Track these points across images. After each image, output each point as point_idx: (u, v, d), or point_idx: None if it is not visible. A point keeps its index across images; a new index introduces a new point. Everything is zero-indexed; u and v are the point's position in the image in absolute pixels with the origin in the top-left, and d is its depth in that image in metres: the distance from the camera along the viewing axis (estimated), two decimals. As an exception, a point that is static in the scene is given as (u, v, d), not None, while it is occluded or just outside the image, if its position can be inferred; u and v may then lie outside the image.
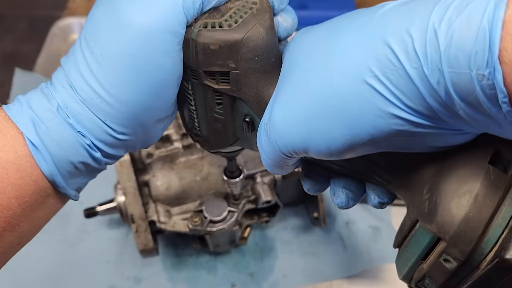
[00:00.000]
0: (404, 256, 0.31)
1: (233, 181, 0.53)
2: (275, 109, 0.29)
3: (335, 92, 0.26)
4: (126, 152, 0.35)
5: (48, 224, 0.72)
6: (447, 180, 0.28)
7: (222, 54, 0.31)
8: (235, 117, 0.35)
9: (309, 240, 0.71)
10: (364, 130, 0.25)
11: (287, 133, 0.29)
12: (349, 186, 0.34)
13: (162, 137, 0.63)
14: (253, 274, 0.68)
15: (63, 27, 0.97)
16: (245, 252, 0.69)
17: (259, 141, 0.32)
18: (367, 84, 0.24)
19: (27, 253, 0.67)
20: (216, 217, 0.58)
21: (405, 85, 0.23)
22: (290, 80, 0.29)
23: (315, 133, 0.27)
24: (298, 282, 0.67)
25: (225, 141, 0.38)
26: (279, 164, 0.32)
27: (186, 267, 0.67)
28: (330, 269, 0.68)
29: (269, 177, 0.61)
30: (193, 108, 0.36)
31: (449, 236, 0.27)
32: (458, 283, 0.28)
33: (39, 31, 0.98)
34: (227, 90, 0.33)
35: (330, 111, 0.26)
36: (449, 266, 0.27)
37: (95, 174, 0.35)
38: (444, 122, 0.24)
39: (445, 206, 0.27)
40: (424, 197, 0.29)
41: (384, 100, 0.24)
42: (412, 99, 0.23)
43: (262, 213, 0.65)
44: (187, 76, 0.33)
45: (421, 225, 0.29)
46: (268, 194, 0.59)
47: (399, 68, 0.23)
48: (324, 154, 0.28)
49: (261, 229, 0.72)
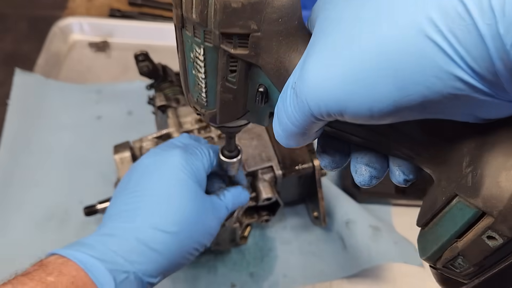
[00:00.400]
0: (433, 234, 0.29)
1: (231, 161, 0.50)
2: (311, 64, 0.26)
3: (389, 45, 0.22)
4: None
5: (49, 222, 0.72)
6: (492, 153, 0.26)
7: (244, 13, 0.28)
8: (249, 86, 0.33)
9: (309, 240, 0.71)
10: (417, 90, 0.23)
11: (324, 91, 0.25)
12: (372, 163, 0.32)
13: (162, 135, 0.63)
14: (253, 273, 0.67)
15: (63, 27, 0.97)
16: (245, 251, 0.69)
17: (282, 104, 0.29)
18: (429, 38, 0.21)
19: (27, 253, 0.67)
20: None
21: (474, 43, 0.20)
22: (331, 32, 0.26)
23: (358, 92, 0.24)
24: (298, 281, 0.67)
25: (234, 113, 0.35)
26: (301, 130, 0.29)
27: (186, 266, 0.67)
28: (330, 269, 0.68)
29: (269, 174, 0.61)
30: (203, 76, 0.33)
31: (498, 211, 0.25)
32: (496, 262, 0.26)
33: (39, 31, 0.98)
34: (245, 55, 0.30)
35: (380, 66, 0.23)
36: (493, 243, 0.25)
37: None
38: (505, 91, 0.22)
39: (492, 180, 0.25)
40: (465, 170, 0.27)
41: (446, 59, 0.21)
42: (479, 60, 0.21)
43: (262, 211, 0.65)
44: (200, 39, 0.31)
45: (460, 200, 0.27)
46: (269, 191, 0.59)
47: (469, 23, 0.20)
48: (362, 117, 0.25)
49: (261, 228, 0.71)
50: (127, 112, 0.86)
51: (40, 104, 0.85)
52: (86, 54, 0.97)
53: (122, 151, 0.61)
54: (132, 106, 0.86)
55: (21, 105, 0.84)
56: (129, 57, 0.75)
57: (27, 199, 0.74)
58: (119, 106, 0.86)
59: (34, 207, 0.73)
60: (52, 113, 0.84)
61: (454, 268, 0.28)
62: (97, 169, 0.77)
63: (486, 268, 0.27)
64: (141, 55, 0.68)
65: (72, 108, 0.85)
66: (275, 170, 0.61)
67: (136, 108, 0.85)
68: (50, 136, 0.81)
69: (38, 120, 0.83)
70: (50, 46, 0.94)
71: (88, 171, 0.77)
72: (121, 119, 0.84)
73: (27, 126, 0.82)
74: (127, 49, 0.95)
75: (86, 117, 0.84)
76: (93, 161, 0.78)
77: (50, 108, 0.85)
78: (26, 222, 0.71)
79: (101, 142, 0.79)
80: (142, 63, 0.68)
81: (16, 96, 0.84)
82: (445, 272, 0.29)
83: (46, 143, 0.80)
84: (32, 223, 0.71)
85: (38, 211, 0.73)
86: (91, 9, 1.05)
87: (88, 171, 0.77)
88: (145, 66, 0.68)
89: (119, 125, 0.83)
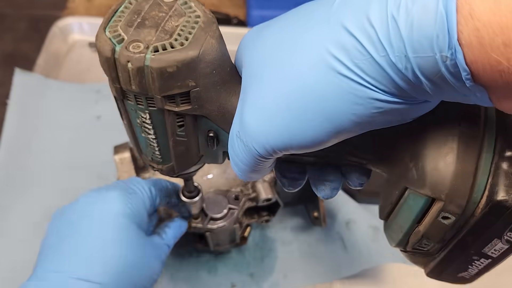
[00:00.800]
0: (396, 224, 0.33)
1: (193, 200, 0.52)
2: (247, 114, 0.29)
3: (309, 87, 0.26)
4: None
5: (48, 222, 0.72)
6: (427, 146, 0.29)
7: (180, 74, 0.30)
8: (198, 135, 0.35)
9: (309, 241, 0.71)
10: (346, 119, 0.26)
11: (266, 136, 0.28)
12: (327, 177, 0.35)
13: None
14: (253, 274, 0.67)
15: (63, 27, 0.97)
16: (245, 252, 0.69)
17: (232, 151, 0.31)
18: (341, 75, 0.24)
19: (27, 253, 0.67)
20: (217, 214, 0.57)
21: (377, 72, 0.24)
22: (258, 81, 0.28)
23: (296, 132, 0.27)
24: (298, 282, 0.67)
25: (190, 161, 0.37)
26: (256, 169, 0.31)
27: (186, 266, 0.67)
28: (330, 269, 0.68)
29: (269, 175, 0.61)
30: (153, 137, 0.35)
31: (445, 194, 0.28)
32: (455, 234, 0.30)
33: (39, 31, 0.98)
34: (189, 110, 0.32)
35: (307, 107, 0.26)
36: (448, 222, 0.29)
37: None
38: (415, 97, 0.25)
39: (433, 169, 0.29)
40: (409, 165, 0.30)
41: (361, 88, 0.24)
42: (385, 83, 0.24)
43: (262, 212, 0.65)
44: (143, 106, 0.32)
45: (411, 192, 0.30)
46: (269, 192, 0.59)
47: (368, 57, 0.24)
48: (308, 148, 0.28)
49: (261, 229, 0.71)
50: (127, 112, 0.85)
51: (39, 103, 0.85)
52: (86, 54, 0.97)
53: (122, 151, 0.61)
54: (132, 106, 0.86)
55: (21, 105, 0.83)
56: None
57: (26, 198, 0.74)
58: (119, 106, 0.86)
59: (34, 207, 0.73)
60: (52, 112, 0.84)
61: (422, 248, 0.33)
62: (96, 168, 0.77)
63: (448, 240, 0.31)
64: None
65: (71, 107, 0.85)
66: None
67: (136, 108, 0.85)
68: (50, 135, 0.81)
69: (37, 120, 0.83)
70: (49, 46, 0.94)
71: (87, 170, 0.77)
72: (121, 119, 0.84)
73: (26, 126, 0.82)
74: (127, 49, 0.95)
75: (85, 116, 0.84)
76: (92, 160, 0.78)
77: (50, 108, 0.85)
78: (25, 222, 0.71)
79: (100, 141, 0.79)
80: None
81: (15, 96, 0.84)
82: (415, 253, 0.34)
83: (46, 142, 0.80)
84: (31, 223, 0.71)
85: (38, 211, 0.72)
86: (90, 9, 1.04)
87: (88, 170, 0.77)
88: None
89: (118, 125, 0.82)
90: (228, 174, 0.62)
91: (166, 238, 0.52)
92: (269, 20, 0.31)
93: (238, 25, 0.97)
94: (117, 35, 0.30)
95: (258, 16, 0.94)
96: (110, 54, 0.30)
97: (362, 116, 0.25)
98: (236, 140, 0.30)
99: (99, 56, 0.31)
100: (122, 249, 0.44)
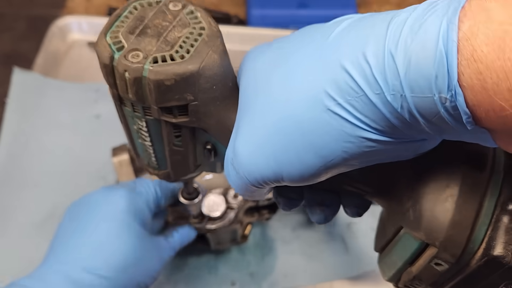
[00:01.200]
0: (389, 259, 0.32)
1: (190, 202, 0.51)
2: (239, 144, 0.28)
3: (299, 122, 0.25)
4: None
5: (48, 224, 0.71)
6: (426, 187, 0.28)
7: (178, 88, 0.29)
8: (196, 145, 0.34)
9: (310, 241, 0.71)
10: (336, 155, 0.25)
11: (256, 167, 0.27)
12: (325, 201, 0.34)
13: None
14: (253, 273, 0.67)
15: (62, 26, 0.97)
16: (245, 251, 0.69)
17: (227, 175, 0.31)
18: (332, 112, 0.24)
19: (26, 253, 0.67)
20: (215, 213, 0.57)
21: (370, 110, 0.23)
22: (249, 111, 0.28)
23: (285, 165, 0.26)
24: (299, 282, 0.67)
25: (187, 170, 0.36)
26: (251, 194, 0.31)
27: (186, 266, 0.67)
28: (331, 270, 0.68)
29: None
30: (149, 144, 0.34)
31: (439, 242, 0.27)
32: (448, 279, 0.29)
33: (38, 30, 0.98)
34: (187, 122, 0.31)
35: (297, 142, 0.25)
36: (440, 268, 0.28)
37: None
38: (411, 136, 0.24)
39: (430, 213, 0.27)
40: (407, 204, 0.29)
41: (351, 126, 0.23)
42: (378, 122, 0.23)
43: (263, 210, 0.65)
44: (140, 113, 0.31)
45: (406, 232, 0.29)
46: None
47: (361, 95, 0.22)
48: (298, 182, 0.27)
49: (262, 228, 0.71)
50: (126, 111, 0.85)
51: (38, 103, 0.85)
52: (85, 53, 0.96)
53: (120, 153, 0.60)
54: (131, 105, 0.85)
55: (20, 104, 0.83)
56: (128, 56, 0.74)
57: (25, 198, 0.73)
58: (118, 105, 0.85)
59: (33, 207, 0.73)
60: (51, 112, 0.84)
61: (414, 287, 0.31)
62: (96, 168, 0.76)
63: (440, 284, 0.30)
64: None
65: (71, 107, 0.85)
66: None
67: (135, 107, 0.85)
68: (49, 135, 0.81)
69: (36, 119, 0.83)
70: (48, 45, 0.93)
71: (87, 170, 0.76)
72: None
73: (25, 125, 0.82)
74: (126, 48, 0.94)
75: (85, 116, 0.84)
76: (92, 160, 0.77)
77: (49, 107, 0.84)
78: (24, 222, 0.71)
79: (100, 141, 0.78)
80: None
81: (14, 95, 0.83)
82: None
83: (45, 142, 0.80)
84: (30, 223, 0.71)
85: (37, 211, 0.72)
86: (89, 8, 1.04)
87: (87, 170, 0.76)
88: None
89: (118, 124, 0.82)
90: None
91: (171, 241, 0.53)
92: (270, 41, 0.31)
93: (238, 24, 0.96)
94: (118, 41, 0.29)
95: (259, 15, 0.93)
96: (109, 61, 0.29)
97: (353, 154, 0.25)
98: (231, 167, 0.30)
99: (99, 60, 0.30)
100: (124, 244, 0.46)
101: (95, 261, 0.44)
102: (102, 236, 0.46)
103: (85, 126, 0.82)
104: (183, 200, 0.52)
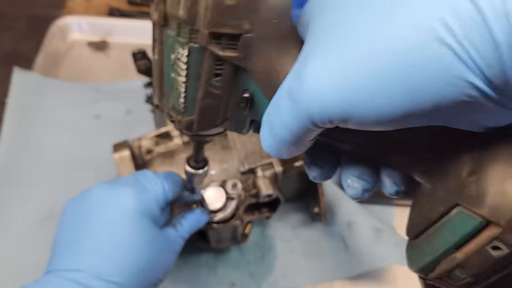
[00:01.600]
0: (428, 245, 0.28)
1: (196, 172, 0.46)
2: (312, 68, 0.24)
3: (401, 49, 0.21)
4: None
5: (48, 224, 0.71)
6: (495, 162, 0.25)
7: (238, 12, 0.26)
8: (232, 92, 0.31)
9: (310, 240, 0.70)
10: (430, 97, 0.21)
11: (328, 97, 0.23)
12: (363, 175, 0.31)
13: (162, 133, 0.62)
14: (253, 273, 0.67)
15: (62, 26, 0.97)
16: (245, 251, 0.69)
17: (274, 113, 0.27)
18: (443, 43, 0.20)
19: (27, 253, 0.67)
20: (217, 204, 0.57)
21: (489, 51, 0.19)
22: (335, 34, 0.24)
23: (366, 99, 0.23)
24: (298, 281, 0.67)
25: (213, 120, 0.32)
26: (296, 139, 0.27)
27: (186, 266, 0.67)
28: (331, 270, 0.68)
29: (270, 171, 0.61)
30: (183, 79, 0.30)
31: (506, 221, 0.24)
32: (499, 270, 0.26)
33: (38, 30, 0.98)
34: (234, 58, 0.28)
35: (391, 72, 0.22)
36: (497, 254, 0.25)
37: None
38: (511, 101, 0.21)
39: (497, 189, 0.24)
40: (467, 179, 0.26)
41: (462, 65, 0.20)
42: (493, 69, 0.20)
43: (263, 208, 0.65)
44: (185, 39, 0.28)
45: (462, 210, 0.26)
46: (270, 188, 0.59)
47: (484, 32, 0.19)
48: (367, 124, 0.24)
49: (262, 228, 0.71)
50: (126, 111, 0.85)
51: (38, 103, 0.85)
52: (85, 53, 0.96)
53: (121, 150, 0.60)
54: (131, 104, 0.85)
55: (20, 104, 0.83)
56: (128, 56, 0.74)
57: (26, 198, 0.73)
58: (118, 105, 0.86)
59: (33, 207, 0.73)
60: (51, 112, 0.84)
61: (448, 280, 0.28)
62: (96, 168, 0.76)
63: (483, 279, 0.26)
64: (139, 53, 0.68)
65: (71, 107, 0.85)
66: (275, 166, 0.61)
67: (135, 107, 0.85)
68: (49, 135, 0.81)
69: (36, 119, 0.83)
70: (48, 45, 0.93)
71: (87, 170, 0.76)
72: (120, 118, 0.84)
73: (25, 125, 0.82)
74: (126, 48, 0.94)
75: (85, 116, 0.84)
76: (92, 160, 0.77)
77: (49, 107, 0.84)
78: (25, 221, 0.71)
79: (100, 141, 0.79)
80: (140, 62, 0.68)
81: (14, 95, 0.84)
82: (437, 283, 0.29)
83: (45, 142, 0.80)
84: (31, 223, 0.71)
85: (37, 211, 0.72)
86: (90, 8, 1.04)
87: (87, 170, 0.76)
88: (143, 65, 0.68)
89: (118, 124, 0.83)
90: (229, 171, 0.61)
91: (181, 230, 0.50)
92: None
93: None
94: None
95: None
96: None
97: (449, 101, 0.21)
98: (286, 98, 0.26)
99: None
100: (137, 248, 0.44)
101: (106, 268, 0.42)
102: (114, 241, 0.43)
103: (85, 126, 0.82)
104: (189, 169, 0.46)
